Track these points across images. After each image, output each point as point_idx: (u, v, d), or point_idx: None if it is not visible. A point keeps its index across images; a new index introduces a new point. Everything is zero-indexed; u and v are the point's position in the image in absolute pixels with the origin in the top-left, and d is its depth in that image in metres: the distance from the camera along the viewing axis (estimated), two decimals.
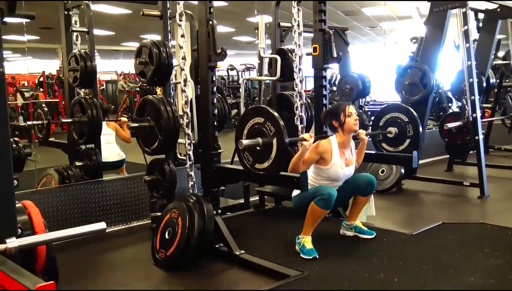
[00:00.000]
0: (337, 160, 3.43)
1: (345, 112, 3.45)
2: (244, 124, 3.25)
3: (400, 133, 4.43)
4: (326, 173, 3.45)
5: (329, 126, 3.58)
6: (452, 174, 6.31)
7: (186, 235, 3.20)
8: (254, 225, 4.14)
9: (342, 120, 3.45)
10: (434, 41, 5.40)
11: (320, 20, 4.10)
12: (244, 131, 3.25)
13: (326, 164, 3.42)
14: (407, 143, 4.42)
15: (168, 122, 3.60)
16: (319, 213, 3.29)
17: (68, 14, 4.70)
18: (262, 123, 3.13)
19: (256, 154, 3.19)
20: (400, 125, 4.45)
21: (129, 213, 4.33)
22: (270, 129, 3.09)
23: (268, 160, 3.10)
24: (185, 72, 3.64)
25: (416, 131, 4.37)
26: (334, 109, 3.54)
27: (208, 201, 3.37)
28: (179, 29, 3.58)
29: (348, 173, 3.53)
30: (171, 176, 3.79)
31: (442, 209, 4.73)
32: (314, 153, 3.39)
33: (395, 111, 4.52)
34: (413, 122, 4.40)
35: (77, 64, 4.46)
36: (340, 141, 3.49)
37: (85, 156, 4.67)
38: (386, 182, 5.35)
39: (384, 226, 3.95)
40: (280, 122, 3.05)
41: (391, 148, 4.57)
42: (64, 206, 3.97)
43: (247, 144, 3.13)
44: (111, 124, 5.69)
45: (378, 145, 4.68)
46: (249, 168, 3.25)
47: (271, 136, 3.07)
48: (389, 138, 4.51)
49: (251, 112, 3.27)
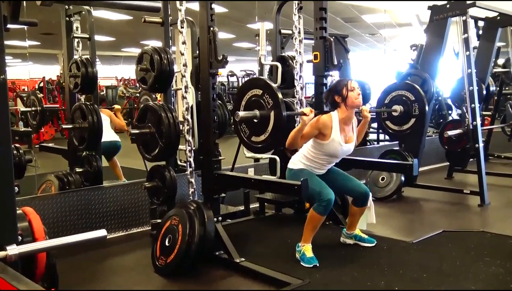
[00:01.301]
0: (336, 136, 3.36)
1: (348, 86, 3.38)
2: (242, 96, 3.22)
3: (405, 111, 4.35)
4: (325, 148, 3.38)
5: (331, 104, 3.48)
6: (452, 181, 6.31)
7: (186, 242, 3.19)
8: (255, 232, 4.13)
9: (344, 94, 3.37)
10: (434, 49, 5.42)
11: (321, 27, 4.11)
12: (242, 103, 3.22)
13: (325, 139, 3.35)
14: (412, 122, 4.35)
15: (169, 128, 3.60)
16: (318, 219, 3.29)
17: (69, 20, 4.71)
18: (260, 96, 3.10)
19: (253, 127, 3.16)
20: (405, 103, 4.36)
21: (129, 219, 4.32)
22: (268, 102, 3.05)
23: (265, 133, 3.08)
24: (186, 78, 3.65)
25: (422, 111, 4.29)
26: (337, 84, 3.46)
27: (208, 208, 3.37)
28: (180, 36, 3.59)
29: (346, 149, 3.45)
30: (172, 183, 3.78)
31: (442, 217, 4.72)
32: (313, 128, 3.31)
33: (401, 89, 4.44)
34: (419, 101, 4.32)
35: (78, 70, 4.46)
36: (342, 117, 3.40)
37: (85, 162, 4.67)
38: (386, 189, 5.34)
39: (385, 234, 3.95)
40: (278, 95, 3.02)
41: (396, 126, 4.49)
42: (64, 212, 3.96)
43: (243, 116, 3.10)
44: (106, 111, 5.75)
45: (383, 123, 4.60)
46: (246, 140, 3.22)
47: (269, 109, 3.04)
48: (394, 117, 4.44)
49: (249, 84, 3.24)
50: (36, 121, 4.89)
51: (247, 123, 3.16)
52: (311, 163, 3.45)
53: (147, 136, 3.70)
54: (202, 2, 3.48)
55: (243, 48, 18.92)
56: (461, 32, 5.23)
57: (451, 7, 5.28)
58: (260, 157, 4.91)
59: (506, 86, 7.55)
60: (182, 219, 3.29)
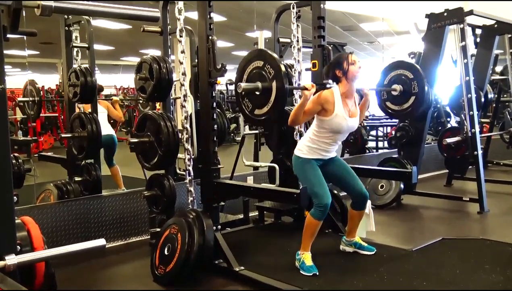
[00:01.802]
0: (339, 111, 3.30)
1: (348, 60, 3.34)
2: (244, 70, 3.22)
3: (404, 90, 4.33)
4: (328, 124, 3.31)
5: (331, 78, 3.42)
6: (452, 189, 6.31)
7: (185, 251, 3.18)
8: (254, 240, 4.12)
9: (345, 68, 3.33)
10: (432, 56, 5.44)
11: (319, 36, 4.12)
12: (244, 77, 3.23)
13: (328, 114, 3.29)
14: (412, 100, 4.32)
15: (168, 137, 3.60)
16: (315, 224, 3.28)
17: (68, 29, 4.73)
18: (262, 67, 3.10)
19: (255, 99, 3.16)
20: (404, 82, 4.35)
21: (128, 228, 4.32)
22: (269, 72, 3.05)
23: (267, 104, 3.07)
24: (185, 87, 3.65)
25: (422, 88, 4.27)
26: (337, 58, 3.42)
27: (207, 217, 3.36)
28: (179, 44, 3.61)
29: (351, 124, 3.39)
30: (171, 191, 3.78)
31: (442, 225, 4.72)
32: (315, 104, 3.27)
33: (399, 68, 4.43)
34: (418, 79, 4.30)
35: (77, 79, 4.47)
36: (343, 91, 3.36)
37: (84, 171, 4.67)
38: (385, 197, 5.34)
39: (384, 242, 3.94)
40: (280, 65, 3.01)
41: (396, 106, 4.46)
42: (63, 221, 3.96)
43: (246, 88, 3.09)
44: (103, 103, 5.77)
45: (383, 105, 4.59)
46: (249, 114, 3.21)
47: (270, 79, 3.03)
48: (394, 97, 4.42)
49: (250, 56, 3.24)
50: (33, 112, 4.89)
51: (249, 97, 3.16)
52: (317, 145, 3.37)
53: (146, 145, 3.70)
54: (201, 11, 3.50)
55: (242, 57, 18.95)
56: (458, 40, 5.26)
57: (448, 15, 5.31)
58: (259, 165, 4.91)
59: (504, 94, 7.58)
60: (181, 228, 3.28)
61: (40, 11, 1.90)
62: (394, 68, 4.45)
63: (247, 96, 3.19)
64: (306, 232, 3.32)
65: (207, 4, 3.46)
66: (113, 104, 5.86)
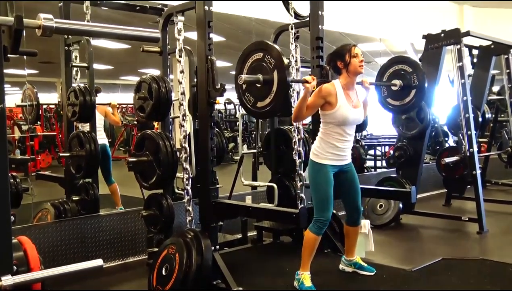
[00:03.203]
0: (343, 102, 3.29)
1: (351, 52, 3.33)
2: (243, 63, 3.20)
3: (405, 85, 4.30)
4: (334, 117, 3.28)
5: (333, 68, 3.43)
6: (450, 208, 6.29)
7: (183, 271, 3.16)
8: (252, 260, 4.09)
9: (347, 60, 3.32)
10: (429, 77, 5.45)
11: (318, 56, 4.16)
12: (244, 70, 3.22)
13: (332, 107, 3.27)
14: (412, 94, 4.30)
15: (167, 157, 3.60)
16: (314, 240, 3.27)
17: (68, 49, 4.75)
18: (261, 58, 3.09)
19: (256, 92, 3.14)
20: (404, 77, 4.33)
21: (125, 248, 4.28)
22: (270, 63, 3.04)
23: (270, 95, 3.05)
24: (184, 107, 3.66)
25: (422, 80, 4.25)
26: (340, 50, 3.41)
27: (206, 237, 3.34)
28: (179, 64, 3.63)
29: (356, 115, 3.36)
30: (169, 211, 3.76)
31: (441, 245, 4.70)
32: (318, 97, 3.26)
33: (398, 63, 4.42)
34: (417, 72, 4.28)
35: (76, 98, 4.48)
36: (344, 83, 3.35)
37: (82, 190, 4.65)
38: (384, 216, 5.32)
39: (383, 262, 3.92)
40: (280, 56, 3.01)
41: (397, 101, 4.42)
42: (60, 241, 3.93)
43: (247, 79, 3.07)
44: (100, 108, 5.62)
45: (384, 101, 4.57)
46: (251, 108, 3.19)
47: (271, 70, 3.02)
48: (394, 92, 4.38)
49: (249, 49, 3.22)
50: (32, 116, 4.86)
51: (251, 91, 3.15)
52: (328, 142, 3.33)
53: (145, 165, 3.69)
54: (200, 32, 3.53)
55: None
56: (456, 60, 5.31)
57: (445, 36, 5.36)
58: (258, 184, 4.90)
59: (502, 113, 7.61)
60: (179, 248, 3.26)
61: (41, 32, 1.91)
62: (392, 65, 4.44)
63: (248, 90, 3.18)
64: (305, 248, 3.30)
65: (206, 25, 3.50)
66: (112, 109, 5.78)
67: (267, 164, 4.80)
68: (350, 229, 3.57)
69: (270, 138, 4.67)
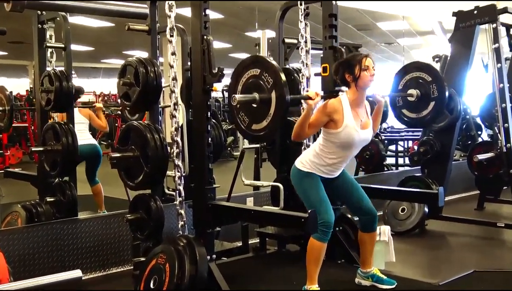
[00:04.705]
0: (350, 121, 3.30)
1: (361, 64, 3.31)
2: (237, 80, 3.23)
3: (422, 95, 4.30)
4: (338, 138, 3.30)
5: (340, 80, 3.44)
6: (484, 213, 6.29)
7: (175, 284, 3.17)
8: (254, 271, 4.11)
9: (356, 73, 3.31)
10: (460, 60, 5.46)
11: (331, 36, 4.14)
12: (238, 88, 3.23)
13: (337, 126, 3.28)
14: (431, 106, 4.30)
15: (156, 152, 3.60)
16: (319, 248, 3.27)
17: (42, 27, 4.74)
18: (258, 76, 3.11)
19: (252, 113, 3.16)
20: (422, 86, 4.33)
21: (108, 257, 4.30)
22: (267, 82, 3.06)
23: (267, 117, 3.07)
24: (176, 94, 3.67)
25: (442, 92, 4.24)
26: (349, 60, 3.40)
27: (200, 244, 3.35)
28: (170, 45, 3.62)
29: (364, 136, 3.39)
30: (158, 215, 3.77)
31: (473, 255, 4.71)
32: (322, 114, 3.27)
33: (415, 70, 4.41)
34: (437, 81, 4.27)
35: (51, 84, 4.48)
36: (353, 99, 3.35)
37: (57, 190, 4.66)
38: (407, 222, 5.32)
39: (406, 275, 3.93)
40: (279, 73, 3.03)
41: (413, 114, 4.44)
42: (33, 248, 3.94)
43: (241, 100, 3.09)
44: (84, 111, 5.71)
45: (399, 113, 4.57)
46: (245, 130, 3.22)
47: (269, 89, 3.04)
48: (410, 103, 4.39)
49: (244, 64, 3.25)
50: (3, 123, 4.87)
51: (246, 111, 3.17)
52: (323, 161, 3.37)
53: (130, 161, 3.70)
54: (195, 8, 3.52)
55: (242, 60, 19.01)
56: (491, 41, 5.29)
57: (479, 13, 5.34)
58: (261, 184, 4.91)
59: None
60: (170, 257, 3.27)
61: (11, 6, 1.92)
62: (409, 71, 4.45)
63: (243, 109, 3.20)
64: (310, 258, 3.31)
65: None
66: (96, 112, 5.84)
67: (271, 161, 4.80)
68: (365, 236, 3.57)
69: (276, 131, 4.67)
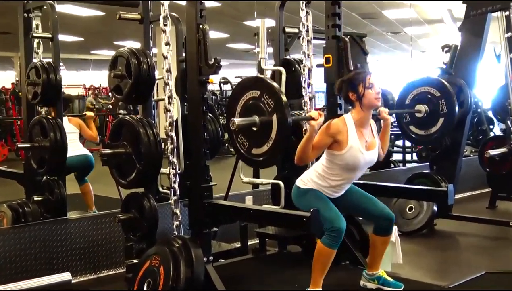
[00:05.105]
0: (354, 142, 3.33)
1: (365, 82, 3.36)
2: (236, 101, 3.23)
3: (431, 111, 4.32)
4: (342, 159, 3.34)
5: (344, 99, 3.49)
6: (496, 211, 6.29)
7: (169, 287, 3.17)
8: (253, 274, 4.11)
9: (360, 92, 3.35)
10: (471, 50, 5.45)
11: (334, 25, 4.14)
12: (237, 110, 3.23)
13: (342, 148, 3.32)
14: (440, 123, 4.32)
15: (149, 148, 3.60)
16: (327, 254, 3.27)
17: (28, 16, 4.75)
18: (258, 98, 3.11)
19: (252, 137, 3.17)
20: (431, 101, 4.34)
21: (99, 259, 4.30)
22: (268, 104, 3.06)
23: (268, 142, 3.08)
24: (170, 87, 3.66)
25: (451, 108, 4.26)
26: (352, 78, 3.44)
27: (197, 245, 3.36)
28: (163, 35, 3.61)
29: (369, 158, 3.43)
30: (152, 214, 3.77)
31: (484, 256, 4.71)
32: (325, 135, 3.30)
33: (423, 85, 4.43)
34: (446, 97, 4.30)
35: (38, 77, 4.48)
36: (357, 119, 3.39)
37: (45, 189, 4.66)
38: (415, 221, 5.32)
39: (414, 277, 3.94)
40: (281, 95, 3.03)
41: (421, 130, 4.47)
42: (20, 250, 3.94)
43: (241, 124, 3.10)
44: (74, 121, 5.74)
45: (405, 129, 4.59)
46: (245, 155, 3.22)
47: (270, 112, 3.05)
48: (418, 119, 4.41)
49: (243, 85, 3.26)
50: None
51: (245, 134, 3.18)
52: (326, 183, 3.41)
53: (122, 157, 3.70)
54: None
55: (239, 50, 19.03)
56: (503, 30, 5.28)
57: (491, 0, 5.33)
58: (260, 182, 4.90)
59: None
60: (165, 259, 3.27)
61: None
62: (417, 85, 4.46)
63: (242, 133, 3.20)
64: (317, 263, 3.32)
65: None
66: (87, 122, 5.86)
67: None
68: (379, 240, 3.58)
69: None
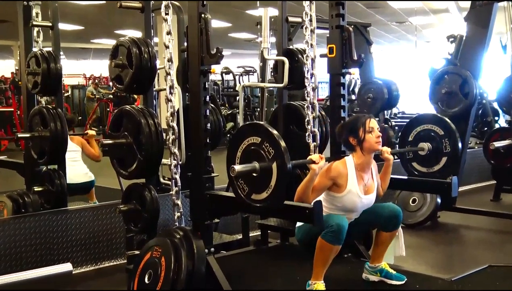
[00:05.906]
0: (353, 187, 3.42)
1: (365, 126, 3.43)
2: (237, 146, 3.25)
3: (434, 149, 4.37)
4: (340, 202, 3.44)
5: (344, 144, 3.59)
6: (500, 204, 6.30)
7: (171, 278, 3.18)
8: (255, 266, 4.12)
9: (361, 136, 3.43)
10: (476, 41, 5.44)
11: (338, 14, 4.13)
12: (238, 155, 3.25)
13: (340, 191, 3.41)
14: (443, 162, 4.36)
15: (150, 138, 3.61)
16: (329, 249, 3.28)
17: (27, 5, 4.74)
18: (259, 144, 3.14)
19: (252, 182, 3.19)
20: (434, 139, 4.39)
21: (100, 250, 4.32)
22: (268, 152, 3.08)
23: (267, 189, 3.10)
24: (171, 77, 3.66)
25: (455, 147, 4.31)
26: (352, 122, 3.53)
27: (198, 237, 3.36)
28: (165, 24, 3.61)
29: (367, 202, 3.51)
30: (153, 205, 3.77)
31: (488, 249, 4.72)
32: (325, 178, 3.37)
33: (427, 122, 4.47)
34: (450, 136, 4.34)
35: (38, 66, 4.48)
36: (358, 163, 3.47)
37: (46, 179, 4.67)
38: (418, 214, 5.33)
39: (416, 269, 3.94)
40: (280, 143, 3.05)
41: (424, 168, 4.51)
42: (20, 241, 3.96)
43: (240, 171, 3.13)
44: (76, 139, 5.75)
45: (408, 166, 4.64)
46: (245, 199, 3.24)
47: (270, 160, 3.07)
48: (421, 157, 4.45)
49: (244, 130, 3.28)
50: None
51: (245, 178, 3.21)
52: None
53: (123, 148, 3.70)
54: None
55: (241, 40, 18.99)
56: (509, 20, 5.26)
57: None
58: None
59: None
60: (166, 251, 3.28)
61: None
62: (420, 123, 4.50)
63: (242, 178, 3.22)
64: (318, 257, 3.33)
65: None
66: (88, 140, 5.86)
67: None
68: (387, 235, 3.59)
69: (278, 116, 4.67)
